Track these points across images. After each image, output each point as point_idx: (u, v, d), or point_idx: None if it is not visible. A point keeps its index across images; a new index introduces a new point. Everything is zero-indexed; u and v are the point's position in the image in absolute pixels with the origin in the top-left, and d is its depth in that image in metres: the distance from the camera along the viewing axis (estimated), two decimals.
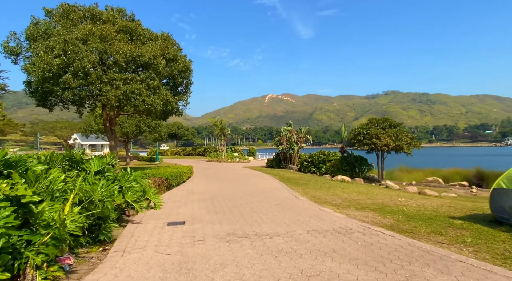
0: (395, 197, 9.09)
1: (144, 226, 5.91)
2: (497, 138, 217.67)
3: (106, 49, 11.59)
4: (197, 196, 9.70)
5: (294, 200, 8.65)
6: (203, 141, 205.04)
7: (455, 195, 13.37)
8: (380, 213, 6.73)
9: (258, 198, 8.94)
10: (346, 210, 7.21)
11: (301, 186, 12.20)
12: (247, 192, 10.28)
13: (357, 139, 19.11)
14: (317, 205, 7.72)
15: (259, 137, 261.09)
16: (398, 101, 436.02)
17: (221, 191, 10.81)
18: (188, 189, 11.59)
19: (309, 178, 15.77)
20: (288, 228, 5.44)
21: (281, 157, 26.79)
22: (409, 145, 18.05)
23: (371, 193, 10.15)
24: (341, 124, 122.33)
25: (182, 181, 13.93)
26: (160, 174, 12.00)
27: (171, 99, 12.27)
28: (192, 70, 14.37)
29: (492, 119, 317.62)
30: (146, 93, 11.32)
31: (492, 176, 19.85)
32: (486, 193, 16.09)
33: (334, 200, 8.56)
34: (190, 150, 52.96)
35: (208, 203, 8.26)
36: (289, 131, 26.95)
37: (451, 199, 10.00)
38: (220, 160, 34.27)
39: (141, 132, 31.60)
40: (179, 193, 10.40)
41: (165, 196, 9.68)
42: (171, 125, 62.81)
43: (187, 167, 17.24)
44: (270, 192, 10.20)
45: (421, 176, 22.55)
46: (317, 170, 21.71)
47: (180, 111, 14.71)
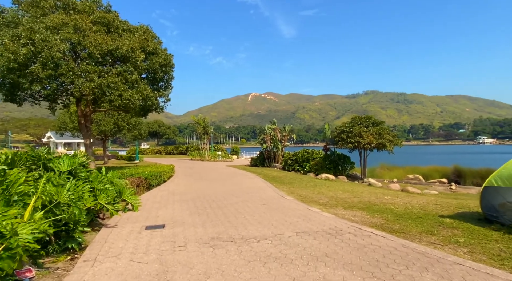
0: (380, 195, 9.01)
1: (120, 231, 5.42)
2: (470, 137, 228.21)
3: (80, 40, 10.83)
4: (179, 196, 9.22)
5: (280, 199, 8.37)
6: (186, 139, 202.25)
7: (436, 192, 13.58)
8: (368, 212, 6.56)
9: (243, 198, 8.60)
10: (333, 209, 7.00)
11: (286, 185, 11.96)
12: (231, 192, 9.90)
13: (341, 137, 19.16)
14: (304, 205, 7.47)
15: (243, 136, 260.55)
16: (377, 100, 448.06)
17: (204, 191, 10.37)
18: (169, 189, 11.07)
19: (293, 177, 15.59)
20: (276, 230, 5.13)
21: (265, 155, 26.55)
22: (391, 143, 18.29)
23: (356, 192, 10.04)
24: (323, 123, 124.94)
25: (163, 181, 13.36)
26: (139, 174, 11.40)
27: (151, 94, 11.67)
28: (174, 64, 13.78)
29: (465, 118, 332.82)
30: (123, 88, 10.67)
31: (469, 173, 20.52)
32: (464, 190, 16.53)
33: (321, 199, 8.36)
34: (171, 149, 51.79)
35: (190, 204, 7.82)
36: (273, 129, 26.76)
37: (435, 196, 10.07)
38: (203, 159, 33.63)
39: (120, 130, 30.38)
40: (160, 194, 9.88)
41: (144, 197, 9.14)
42: (151, 123, 61.13)
43: (168, 166, 16.62)
44: (255, 192, 9.88)
45: (402, 173, 22.98)
46: (301, 168, 21.62)
47: (160, 107, 14.08)
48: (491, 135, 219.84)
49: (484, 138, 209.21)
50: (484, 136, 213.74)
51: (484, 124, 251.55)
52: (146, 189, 11.05)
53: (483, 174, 19.91)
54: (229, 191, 10.06)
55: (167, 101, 14.09)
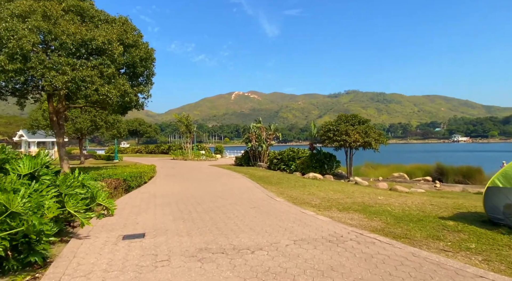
0: (373, 196, 8.72)
1: (92, 242, 4.73)
2: (445, 135, 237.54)
3: (51, 29, 9.86)
4: (161, 199, 8.53)
5: (270, 201, 7.87)
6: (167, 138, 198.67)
7: (423, 191, 13.57)
8: (365, 215, 6.19)
9: (231, 200, 8.04)
10: (328, 211, 6.59)
11: (274, 185, 11.49)
12: (217, 194, 9.31)
13: (327, 135, 18.94)
14: (296, 207, 7.02)
15: (226, 135, 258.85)
16: (358, 100, 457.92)
17: (188, 192, 9.71)
18: (150, 191, 10.32)
19: (280, 176, 15.17)
20: (271, 238, 4.62)
21: (250, 154, 26.06)
22: (377, 141, 18.24)
23: (347, 192, 9.73)
24: (305, 122, 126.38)
25: (144, 182, 12.56)
26: (117, 175, 10.59)
27: (129, 90, 10.83)
28: (155, 58, 12.97)
29: (441, 117, 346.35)
30: (99, 82, 9.80)
31: (451, 171, 20.88)
32: (448, 188, 16.71)
33: (313, 201, 7.94)
34: (153, 148, 50.24)
35: (173, 208, 7.17)
36: (259, 128, 26.31)
37: (426, 195, 9.90)
38: (186, 158, 32.68)
39: (97, 128, 28.91)
40: (140, 197, 9.14)
41: (123, 201, 8.39)
42: (131, 121, 59.05)
43: (149, 166, 15.76)
44: (243, 193, 9.34)
45: (386, 171, 23.14)
46: (287, 167, 21.29)
47: (140, 104, 13.24)
48: (465, 133, 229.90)
49: (459, 137, 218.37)
50: (459, 135, 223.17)
51: (458, 123, 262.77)
52: (125, 191, 10.26)
53: (464, 172, 20.35)
54: (215, 193, 9.47)
55: (147, 98, 13.25)
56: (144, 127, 59.89)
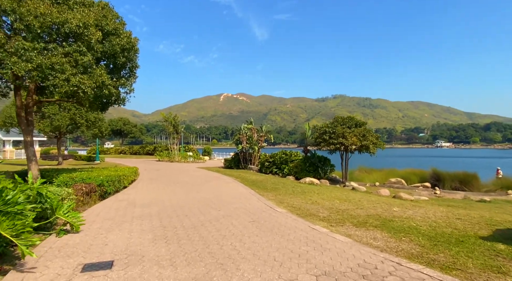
0: (385, 206, 7.69)
1: (37, 277, 3.43)
2: (429, 141, 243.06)
3: (15, 8, 8.42)
4: (140, 209, 7.22)
5: (271, 213, 6.71)
6: (153, 139, 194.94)
7: (426, 198, 12.75)
8: (389, 233, 5.12)
9: (225, 211, 6.83)
10: (342, 227, 5.49)
11: (271, 191, 10.34)
12: (208, 202, 8.08)
13: (323, 138, 18.03)
14: (303, 221, 5.89)
15: (214, 136, 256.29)
16: (345, 104, 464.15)
17: (173, 200, 8.42)
18: (129, 198, 8.96)
19: (275, 181, 14.04)
20: (284, 272, 3.46)
21: (240, 157, 24.88)
22: (375, 145, 17.47)
23: (353, 200, 8.68)
24: (293, 125, 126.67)
25: (123, 187, 11.15)
26: (92, 179, 9.19)
27: (107, 81, 9.45)
28: (138, 49, 11.62)
29: (424, 123, 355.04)
30: (71, 71, 8.41)
31: (448, 177, 20.28)
32: (449, 195, 16.00)
33: (320, 212, 6.84)
34: (137, 149, 48.22)
35: (154, 222, 5.90)
36: (250, 129, 25.19)
37: (441, 205, 8.94)
38: (172, 160, 31.13)
39: (77, 127, 27.04)
40: (116, 205, 7.79)
41: (95, 211, 7.03)
42: (115, 120, 56.62)
43: (131, 169, 14.32)
44: (238, 201, 8.14)
45: (381, 176, 22.40)
46: (279, 171, 20.26)
47: (122, 99, 11.84)
48: (448, 139, 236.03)
49: (442, 142, 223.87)
50: (442, 140, 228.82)
51: (441, 129, 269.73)
52: (100, 198, 8.88)
53: (461, 178, 19.79)
54: (205, 201, 8.23)
55: (129, 92, 11.86)
56: (128, 127, 57.50)
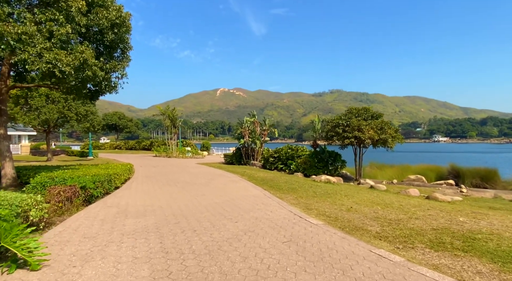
0: (442, 213, 6.13)
1: None
2: (426, 135, 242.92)
3: None
4: (133, 220, 5.59)
5: (305, 226, 5.11)
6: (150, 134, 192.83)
7: (460, 198, 11.25)
8: (492, 261, 3.55)
9: (244, 224, 5.22)
10: (416, 251, 3.93)
11: (288, 192, 8.76)
12: (218, 209, 6.47)
13: (335, 131, 16.44)
14: (356, 241, 4.31)
15: (211, 131, 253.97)
16: (342, 99, 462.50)
17: (175, 206, 6.79)
18: (120, 203, 7.31)
19: (286, 179, 12.45)
20: None
21: (242, 152, 23.29)
22: (394, 139, 15.95)
23: (393, 204, 7.14)
24: (290, 120, 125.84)
25: (115, 188, 9.49)
26: (75, 179, 7.51)
27: (92, 60, 7.73)
28: (131, 26, 9.88)
29: (421, 118, 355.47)
30: (44, 44, 6.70)
31: (468, 173, 18.78)
32: (477, 193, 14.52)
33: (366, 223, 5.27)
34: (133, 144, 46.35)
35: (152, 243, 4.27)
36: (252, 122, 23.55)
37: (486, 208, 7.40)
38: (169, 155, 29.41)
39: (67, 120, 25.17)
40: (103, 214, 6.14)
41: (73, 223, 5.38)
42: (110, 115, 54.49)
43: (125, 166, 12.65)
44: (255, 207, 6.54)
45: (395, 173, 20.92)
46: (285, 167, 18.72)
47: (113, 85, 10.12)
48: (445, 134, 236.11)
49: (439, 137, 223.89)
50: (439, 135, 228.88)
51: (438, 123, 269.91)
52: (85, 203, 7.22)
53: (483, 174, 18.31)
54: (215, 207, 6.62)
55: (122, 77, 10.13)
56: (124, 122, 55.33)
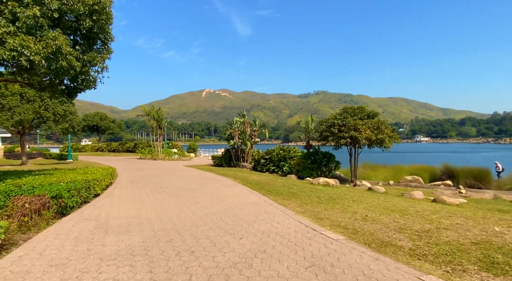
0: (471, 222, 5.47)
1: None
2: (409, 135, 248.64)
3: None
4: (115, 238, 4.61)
5: (325, 243, 4.28)
6: (134, 136, 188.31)
7: (465, 201, 10.79)
8: None
9: (250, 241, 4.34)
10: (470, 277, 3.18)
11: (289, 198, 7.96)
12: (216, 220, 5.56)
13: (330, 131, 15.81)
14: (392, 262, 3.53)
15: (197, 133, 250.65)
16: (327, 100, 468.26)
17: (165, 218, 5.83)
18: (100, 215, 6.27)
19: (283, 182, 11.66)
20: None
21: (232, 153, 22.35)
22: (391, 139, 15.46)
23: (410, 211, 6.46)
24: (276, 121, 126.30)
25: (94, 195, 8.40)
26: (46, 188, 6.40)
27: (66, 48, 6.66)
28: (111, 14, 8.82)
29: (403, 118, 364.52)
30: (7, 28, 5.62)
31: (462, 173, 18.60)
32: (476, 194, 14.22)
33: (392, 237, 4.52)
34: (116, 146, 44.47)
35: (140, 275, 3.33)
36: (242, 123, 22.68)
37: (498, 212, 6.85)
38: (155, 157, 28.07)
39: (44, 121, 23.51)
40: (77, 230, 5.11)
41: (38, 244, 4.33)
42: (91, 115, 52.15)
43: (106, 169, 11.50)
44: (259, 218, 5.67)
45: (389, 173, 20.55)
46: (278, 169, 17.97)
47: (91, 80, 9.02)
48: (426, 134, 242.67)
49: (421, 137, 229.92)
50: (421, 135, 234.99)
51: (420, 124, 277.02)
52: (58, 215, 6.14)
53: (476, 174, 18.16)
54: (212, 218, 5.71)
55: (102, 71, 9.04)
56: (106, 123, 52.95)
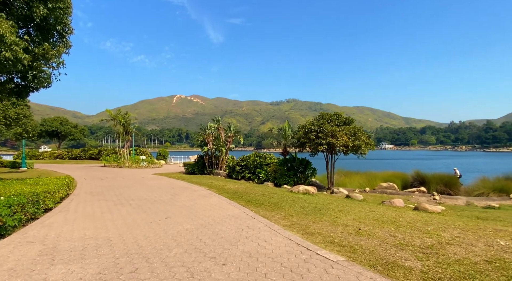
0: (460, 231, 5.14)
1: None
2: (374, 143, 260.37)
3: None
4: (62, 271, 3.56)
5: (324, 266, 3.61)
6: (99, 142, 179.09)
7: (443, 208, 10.79)
8: None
9: (237, 269, 3.54)
10: None
11: (273, 209, 7.28)
12: (193, 241, 4.70)
13: (308, 137, 15.51)
14: None
15: (167, 139, 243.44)
16: (298, 108, 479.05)
17: (130, 239, 4.87)
18: (48, 236, 5.15)
19: (262, 191, 10.99)
20: None
21: (205, 160, 21.39)
22: (367, 145, 15.46)
23: (402, 222, 6.06)
24: (249, 128, 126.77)
25: (45, 210, 7.14)
26: None
27: (11, 37, 5.56)
28: (71, 3, 7.75)
29: (369, 126, 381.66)
30: None
31: (433, 179, 19.10)
32: (449, 201, 14.48)
33: (395, 256, 3.99)
34: (78, 153, 41.33)
35: None
36: (217, 129, 21.86)
37: (477, 219, 6.68)
38: (121, 165, 26.21)
39: None
40: (13, 259, 4.00)
41: None
42: (50, 120, 48.21)
43: (62, 179, 10.11)
44: (242, 236, 4.90)
45: (363, 180, 20.69)
46: (254, 176, 17.36)
47: (45, 77, 7.80)
48: (390, 141, 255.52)
49: (386, 144, 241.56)
50: (386, 143, 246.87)
51: (384, 132, 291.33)
52: None
53: (446, 181, 18.73)
54: (187, 238, 4.84)
55: (58, 66, 7.87)
56: (67, 128, 49.03)
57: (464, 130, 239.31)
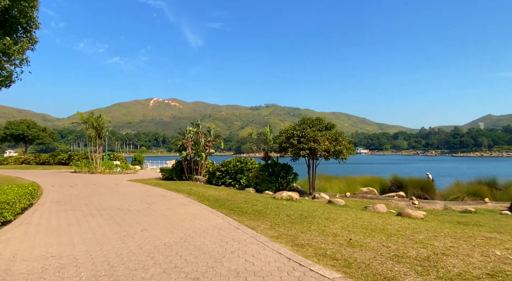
0: (453, 240, 5.02)
1: None
2: None
3: None
4: None
5: None
6: (69, 147, 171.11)
7: (424, 213, 10.89)
8: None
9: None
10: None
11: (257, 218, 6.91)
12: (172, 258, 4.21)
13: (290, 142, 15.37)
14: None
15: (143, 143, 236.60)
16: (277, 113, 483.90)
17: (99, 257, 4.28)
18: (1, 257, 4.47)
19: (245, 198, 10.59)
20: None
21: (184, 165, 20.70)
22: (348, 150, 15.54)
23: (390, 230, 5.89)
24: (228, 132, 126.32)
25: (2, 224, 6.33)
26: None
27: None
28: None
29: (344, 132, 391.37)
30: None
31: (410, 183, 19.52)
32: (428, 205, 14.72)
33: (393, 270, 3.74)
34: (46, 158, 38.91)
35: None
36: (196, 133, 21.25)
37: (458, 224, 6.70)
38: (93, 171, 24.80)
39: None
40: None
41: None
42: (16, 123, 45.11)
43: (25, 188, 9.18)
44: (228, 250, 4.48)
45: (343, 185, 20.78)
46: (235, 182, 16.95)
47: (5, 74, 7.01)
48: (365, 146, 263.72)
49: (361, 149, 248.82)
50: (361, 148, 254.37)
51: (360, 137, 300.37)
52: None
53: (422, 185, 19.18)
54: (165, 253, 4.35)
55: (21, 63, 7.11)
56: (34, 131, 46.01)
57: (433, 135, 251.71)
